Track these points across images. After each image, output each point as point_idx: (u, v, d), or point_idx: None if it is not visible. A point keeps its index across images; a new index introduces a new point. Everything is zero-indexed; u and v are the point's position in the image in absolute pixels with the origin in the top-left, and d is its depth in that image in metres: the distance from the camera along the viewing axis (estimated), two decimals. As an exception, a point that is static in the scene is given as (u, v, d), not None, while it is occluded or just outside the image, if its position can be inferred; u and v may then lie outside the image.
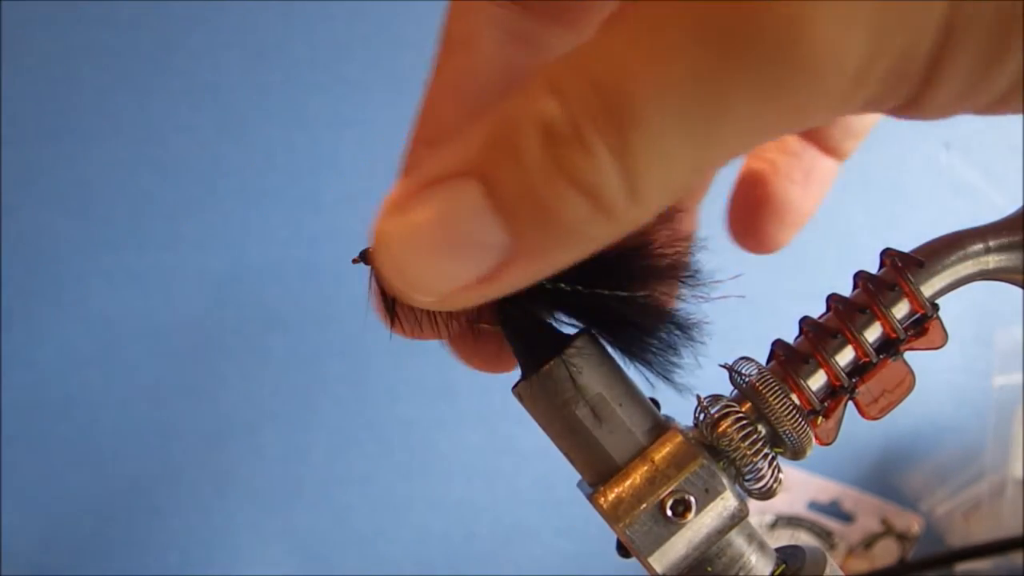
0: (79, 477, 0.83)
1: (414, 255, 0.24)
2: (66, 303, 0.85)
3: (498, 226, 0.23)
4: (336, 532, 0.83)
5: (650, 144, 0.22)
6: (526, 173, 0.22)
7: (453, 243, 0.23)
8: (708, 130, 0.22)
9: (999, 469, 0.78)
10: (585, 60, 0.22)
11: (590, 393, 0.29)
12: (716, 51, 0.21)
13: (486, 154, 0.23)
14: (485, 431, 0.84)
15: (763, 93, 0.21)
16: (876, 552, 0.81)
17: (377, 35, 0.89)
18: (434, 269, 0.24)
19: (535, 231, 0.23)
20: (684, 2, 0.21)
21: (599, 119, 0.22)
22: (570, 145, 0.22)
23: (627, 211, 0.23)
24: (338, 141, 0.87)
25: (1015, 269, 0.31)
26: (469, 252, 0.23)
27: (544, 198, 0.22)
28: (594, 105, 0.22)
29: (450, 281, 0.24)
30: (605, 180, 0.22)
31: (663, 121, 0.21)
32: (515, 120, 0.22)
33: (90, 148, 0.87)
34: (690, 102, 0.21)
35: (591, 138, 0.22)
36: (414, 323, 0.31)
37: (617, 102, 0.21)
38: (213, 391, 0.84)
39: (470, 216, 0.23)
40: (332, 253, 0.84)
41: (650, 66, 0.21)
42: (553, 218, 0.22)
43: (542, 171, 0.22)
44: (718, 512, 0.29)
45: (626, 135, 0.22)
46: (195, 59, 0.88)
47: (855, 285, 0.31)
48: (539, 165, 0.22)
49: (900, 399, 0.31)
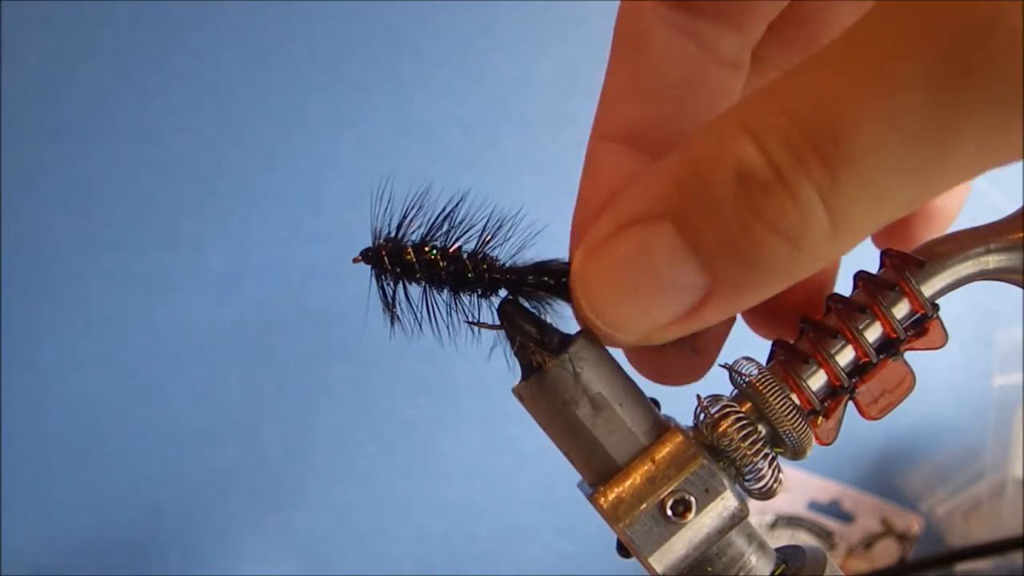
0: (79, 477, 0.83)
1: (613, 298, 0.24)
2: (66, 303, 0.85)
3: (695, 268, 0.23)
4: (336, 532, 0.83)
5: (863, 182, 0.21)
6: (723, 219, 0.22)
7: (650, 285, 0.23)
8: (930, 167, 0.21)
9: (999, 469, 0.78)
10: (786, 96, 0.21)
11: (590, 393, 0.29)
12: (952, 82, 0.20)
13: (680, 197, 0.23)
14: (485, 431, 0.84)
15: (997, 124, 0.20)
16: (876, 552, 0.81)
17: (377, 35, 0.89)
18: (633, 311, 0.24)
19: (732, 273, 0.23)
20: (911, 34, 0.20)
21: (803, 159, 0.21)
22: (769, 190, 0.21)
23: (829, 250, 0.22)
24: (338, 141, 0.87)
25: (1015, 269, 0.31)
26: (667, 293, 0.23)
27: (742, 243, 0.22)
28: (798, 144, 0.21)
29: (649, 322, 0.24)
30: (807, 223, 0.21)
31: (882, 158, 0.20)
32: (708, 163, 0.22)
33: (90, 148, 0.87)
34: (916, 137, 0.20)
35: (793, 180, 0.21)
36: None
37: (827, 139, 0.21)
38: (213, 391, 0.84)
39: (666, 259, 0.23)
40: (332, 253, 0.84)
41: (871, 99, 0.20)
42: (751, 261, 0.22)
43: (739, 217, 0.22)
44: (718, 512, 0.28)
45: (837, 174, 0.21)
46: (195, 59, 0.88)
47: (855, 285, 0.31)
48: (736, 211, 0.22)
49: (900, 399, 0.31)
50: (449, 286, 0.31)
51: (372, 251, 0.31)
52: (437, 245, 0.31)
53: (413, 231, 0.31)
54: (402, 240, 0.31)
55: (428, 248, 0.31)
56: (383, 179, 0.30)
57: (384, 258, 0.31)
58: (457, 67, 0.89)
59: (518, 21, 0.89)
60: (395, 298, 0.31)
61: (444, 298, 0.31)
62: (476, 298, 0.31)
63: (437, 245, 0.31)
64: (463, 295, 0.31)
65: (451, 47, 0.89)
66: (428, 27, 0.89)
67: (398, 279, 0.31)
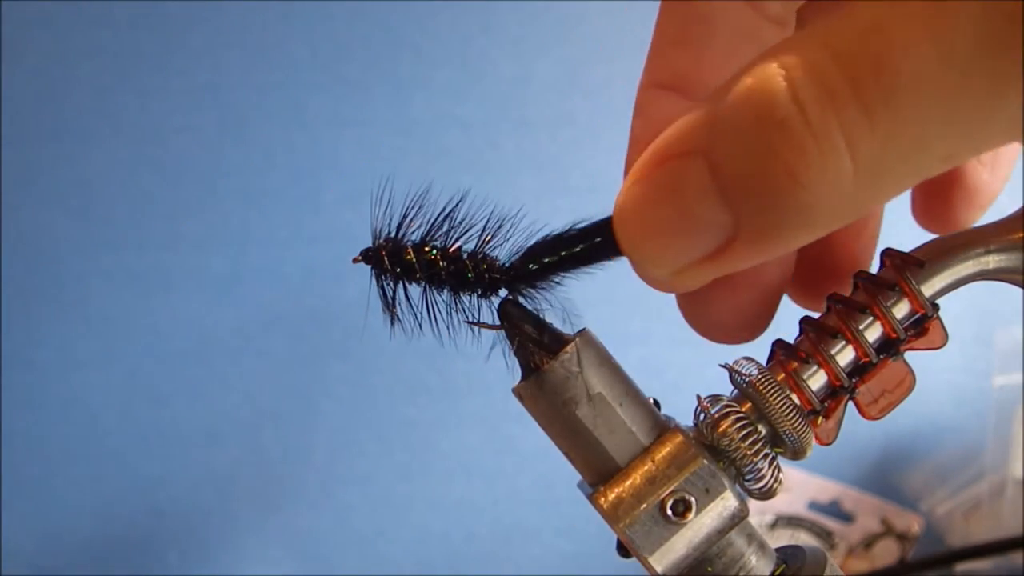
0: (79, 477, 0.83)
1: (645, 230, 0.24)
2: (66, 303, 0.85)
3: (721, 206, 0.22)
4: (336, 532, 0.83)
5: (901, 123, 0.19)
6: (745, 158, 0.21)
7: (678, 220, 0.23)
8: (977, 115, 0.19)
9: (999, 469, 0.78)
10: (826, 31, 0.20)
11: (590, 393, 0.29)
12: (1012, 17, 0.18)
13: (711, 134, 0.22)
14: (485, 431, 0.84)
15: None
16: (876, 552, 0.81)
17: (377, 35, 0.89)
18: (663, 245, 0.24)
19: (753, 216, 0.22)
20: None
21: (835, 94, 0.20)
22: (787, 127, 0.20)
23: (850, 201, 0.21)
24: (338, 141, 0.87)
25: (1015, 269, 0.31)
26: (695, 229, 0.23)
27: (760, 185, 0.21)
28: (831, 78, 0.20)
29: (678, 257, 0.24)
30: (828, 167, 0.20)
31: (927, 98, 0.19)
32: (738, 99, 0.21)
33: (90, 148, 0.87)
34: (967, 78, 0.19)
35: (817, 118, 0.20)
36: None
37: (867, 71, 0.19)
38: (214, 391, 0.84)
39: (695, 194, 0.22)
40: (332, 253, 0.84)
41: (924, 29, 0.19)
42: (768, 205, 0.21)
43: (758, 156, 0.21)
44: (718, 512, 0.28)
45: (872, 110, 0.19)
46: (195, 59, 0.88)
47: (855, 285, 0.31)
48: (759, 149, 0.21)
49: (900, 399, 0.31)
50: (449, 286, 0.31)
51: (372, 251, 0.31)
52: (437, 245, 0.31)
53: (413, 231, 0.31)
54: (402, 240, 0.31)
55: (428, 248, 0.31)
56: (383, 179, 0.30)
57: (384, 258, 0.31)
58: (457, 67, 0.89)
59: (518, 21, 0.89)
60: (395, 298, 0.31)
61: (444, 298, 0.31)
62: (476, 298, 0.31)
63: (437, 245, 0.31)
64: (463, 295, 0.31)
65: (451, 47, 0.89)
66: (428, 27, 0.89)
67: (398, 279, 0.31)
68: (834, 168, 0.20)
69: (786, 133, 0.20)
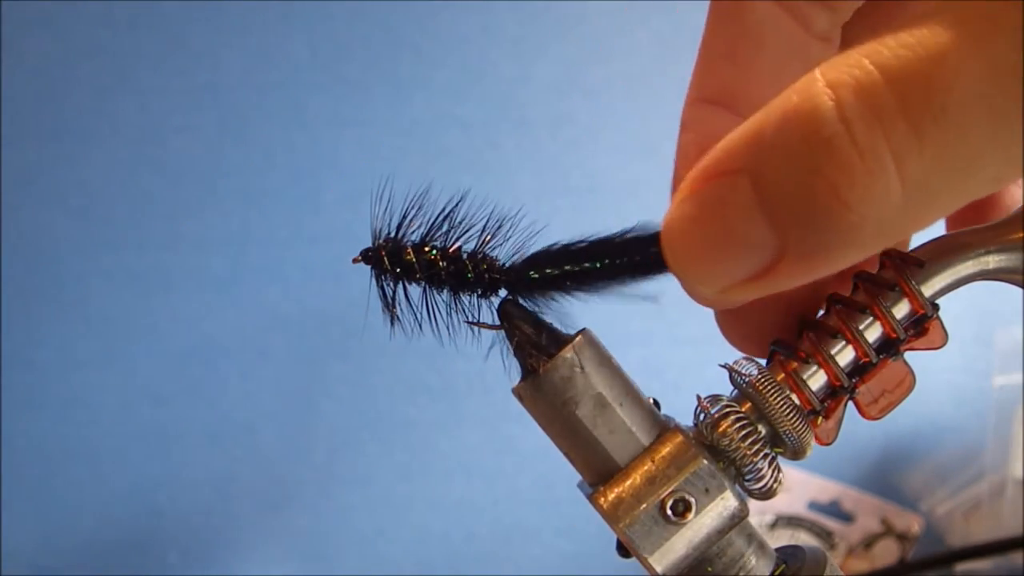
0: (79, 477, 0.83)
1: (691, 249, 0.24)
2: (66, 303, 0.85)
3: (766, 227, 0.22)
4: (336, 532, 0.83)
5: (951, 144, 0.19)
6: (791, 177, 0.21)
7: (723, 239, 0.23)
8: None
9: (999, 469, 0.78)
10: (876, 48, 0.20)
11: (590, 393, 0.29)
12: None
13: (757, 152, 0.22)
14: (485, 431, 0.84)
15: None
16: (876, 552, 0.81)
17: (377, 35, 0.89)
18: (710, 264, 0.23)
19: (799, 236, 0.22)
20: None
21: (883, 113, 0.19)
22: (833, 147, 0.20)
23: (898, 223, 0.21)
24: (338, 141, 0.87)
25: (1015, 269, 0.31)
26: (739, 249, 0.23)
27: (805, 205, 0.21)
28: (880, 96, 0.19)
29: (724, 277, 0.23)
30: (874, 188, 0.20)
31: (979, 118, 0.19)
32: (784, 116, 0.21)
33: (90, 148, 0.87)
34: (1018, 97, 0.18)
35: (864, 137, 0.19)
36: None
37: (918, 90, 0.19)
38: (214, 391, 0.84)
39: (740, 214, 0.22)
40: (332, 253, 0.84)
41: (978, 47, 0.18)
42: (814, 225, 0.21)
43: (807, 175, 0.20)
44: (718, 512, 0.28)
45: (923, 130, 0.19)
46: (195, 59, 0.88)
47: (855, 285, 0.31)
48: (805, 168, 0.20)
49: (900, 399, 0.31)
50: (449, 286, 0.31)
51: (372, 251, 0.31)
52: (437, 245, 0.31)
53: (413, 231, 0.31)
54: (402, 240, 0.31)
55: (428, 248, 0.31)
56: (383, 179, 0.30)
57: (384, 258, 0.31)
58: (457, 67, 0.89)
59: (517, 21, 0.89)
60: (395, 298, 0.31)
61: (444, 298, 0.31)
62: (476, 298, 0.31)
63: (437, 245, 0.31)
64: (463, 295, 0.31)
65: (451, 47, 0.89)
66: (428, 27, 0.89)
67: (398, 279, 0.31)
68: (881, 188, 0.20)
69: (832, 152, 0.20)
